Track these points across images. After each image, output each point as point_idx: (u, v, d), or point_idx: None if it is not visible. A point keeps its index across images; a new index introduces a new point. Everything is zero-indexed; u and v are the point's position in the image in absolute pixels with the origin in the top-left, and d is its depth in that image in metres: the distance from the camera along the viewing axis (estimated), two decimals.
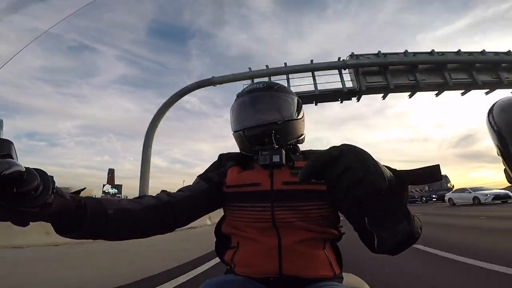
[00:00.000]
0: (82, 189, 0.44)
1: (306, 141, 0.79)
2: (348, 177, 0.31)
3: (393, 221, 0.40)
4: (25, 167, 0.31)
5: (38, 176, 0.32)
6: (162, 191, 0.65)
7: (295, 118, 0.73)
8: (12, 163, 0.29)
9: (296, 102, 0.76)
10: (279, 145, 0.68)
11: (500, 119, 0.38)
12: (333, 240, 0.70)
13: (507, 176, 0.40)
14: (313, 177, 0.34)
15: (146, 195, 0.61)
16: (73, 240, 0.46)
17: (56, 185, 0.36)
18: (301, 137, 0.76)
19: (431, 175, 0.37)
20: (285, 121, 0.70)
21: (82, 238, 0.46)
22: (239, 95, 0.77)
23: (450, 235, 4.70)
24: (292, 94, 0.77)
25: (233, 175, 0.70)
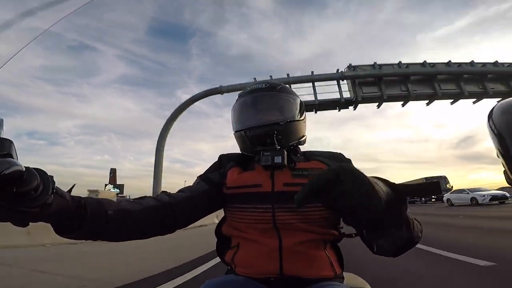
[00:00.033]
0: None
1: (306, 141, 0.78)
2: (343, 202, 0.32)
3: (392, 232, 0.40)
4: (25, 166, 0.31)
5: (38, 176, 0.32)
6: (162, 191, 0.65)
7: (298, 119, 0.72)
8: (12, 163, 0.29)
9: (299, 103, 0.75)
10: (281, 146, 0.67)
11: (500, 121, 0.38)
12: (334, 241, 0.69)
13: (507, 178, 0.40)
14: (308, 202, 0.34)
15: (146, 196, 0.61)
16: (70, 240, 0.45)
17: (56, 185, 0.36)
18: (302, 138, 0.75)
19: (431, 191, 0.37)
20: (287, 122, 0.70)
21: (82, 239, 0.46)
22: (241, 95, 0.77)
23: (450, 235, 4.73)
24: (295, 95, 0.76)
25: (233, 176, 0.69)
